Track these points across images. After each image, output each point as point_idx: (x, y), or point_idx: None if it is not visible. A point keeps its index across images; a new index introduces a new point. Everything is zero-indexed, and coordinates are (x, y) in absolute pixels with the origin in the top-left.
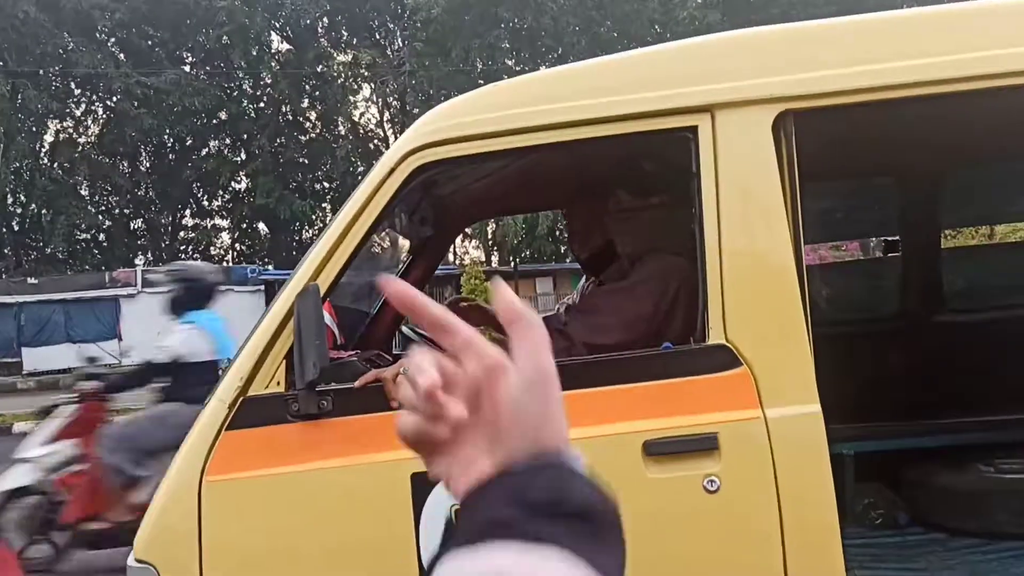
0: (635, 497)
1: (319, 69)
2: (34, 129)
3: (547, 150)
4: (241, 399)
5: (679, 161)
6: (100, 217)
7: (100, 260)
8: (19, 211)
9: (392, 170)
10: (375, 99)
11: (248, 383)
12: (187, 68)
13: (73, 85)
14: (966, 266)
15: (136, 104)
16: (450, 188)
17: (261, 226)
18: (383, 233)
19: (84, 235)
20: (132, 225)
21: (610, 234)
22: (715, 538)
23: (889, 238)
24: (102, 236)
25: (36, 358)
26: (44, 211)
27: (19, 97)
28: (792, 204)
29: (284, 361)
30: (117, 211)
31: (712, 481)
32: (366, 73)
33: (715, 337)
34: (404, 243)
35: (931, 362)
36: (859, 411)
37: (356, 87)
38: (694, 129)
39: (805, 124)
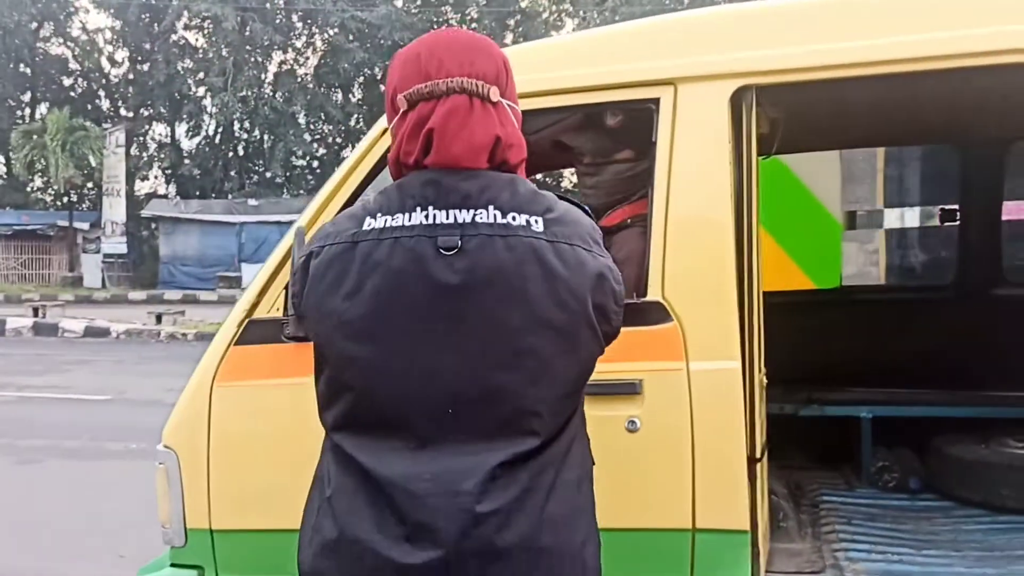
0: None
1: (523, 4)
2: (259, 60)
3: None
4: (247, 321)
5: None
6: (315, 145)
7: (314, 185)
8: (244, 137)
9: (385, 130)
10: None
11: (253, 308)
12: (399, 3)
13: (295, 18)
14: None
15: (350, 37)
16: None
17: None
18: None
19: (300, 161)
20: (343, 153)
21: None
22: (632, 473)
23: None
24: (316, 163)
25: (254, 274)
26: (265, 137)
27: (247, 30)
28: (748, 176)
29: (284, 291)
30: (330, 139)
31: (633, 422)
32: (570, 8)
33: (653, 294)
34: None
35: (982, 333)
36: (895, 376)
37: (559, 23)
38: (656, 101)
39: (765, 99)
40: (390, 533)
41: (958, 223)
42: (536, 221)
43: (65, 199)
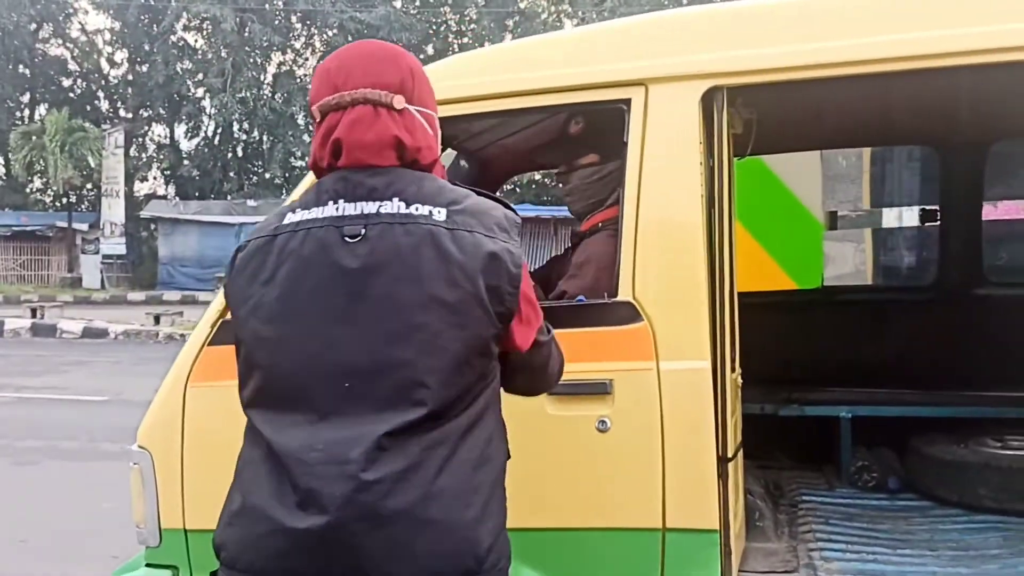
0: (535, 429)
1: (522, 5)
2: (259, 61)
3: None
4: (220, 321)
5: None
6: None
7: None
8: (243, 138)
9: None
10: None
11: (227, 308)
12: (397, 4)
13: (294, 19)
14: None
15: (349, 38)
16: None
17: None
18: None
19: (299, 162)
20: None
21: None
22: (601, 473)
23: None
24: None
25: None
26: (264, 138)
27: (246, 31)
28: (719, 176)
29: None
30: None
31: (603, 422)
32: (569, 9)
33: (623, 294)
34: None
35: (965, 333)
36: (876, 376)
37: (558, 23)
38: (628, 102)
39: (738, 99)
40: (285, 501)
41: (938, 224)
42: (439, 211)
43: (64, 200)
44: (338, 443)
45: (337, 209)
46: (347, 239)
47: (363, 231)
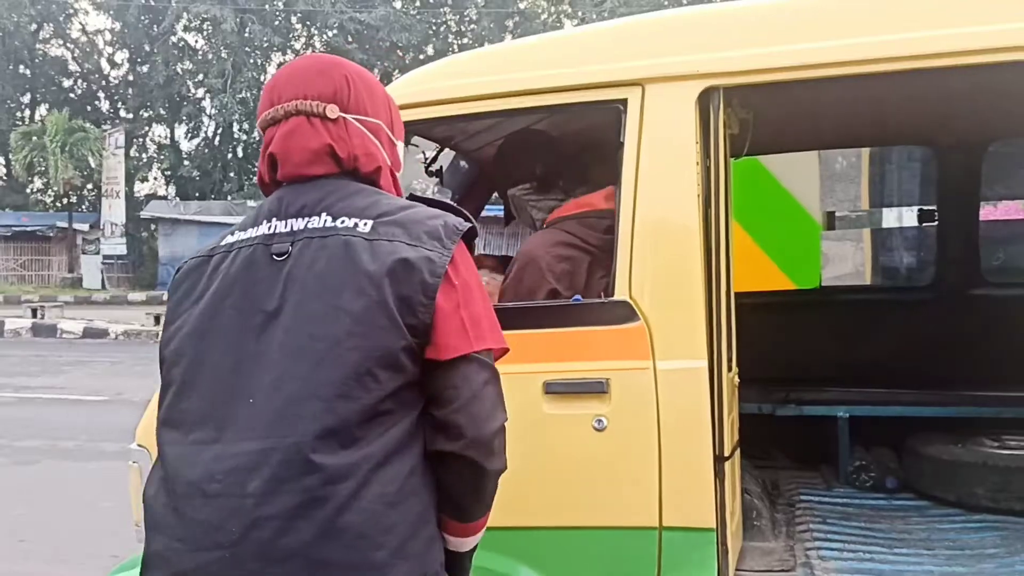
0: (532, 428)
1: (522, 6)
2: (259, 61)
3: (501, 116)
4: None
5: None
6: None
7: None
8: (243, 138)
9: None
10: None
11: None
12: (397, 4)
13: (294, 20)
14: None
15: (349, 39)
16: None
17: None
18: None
19: None
20: None
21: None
22: (598, 472)
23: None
24: None
25: None
26: None
27: (246, 31)
28: (715, 176)
29: None
30: None
31: (600, 421)
32: (569, 9)
33: (619, 293)
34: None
35: (963, 334)
36: (874, 376)
37: (558, 24)
38: (624, 102)
39: (734, 100)
40: (185, 534)
41: (936, 224)
42: (365, 223)
43: (65, 200)
44: (237, 471)
45: (269, 228)
46: (275, 257)
47: (289, 248)
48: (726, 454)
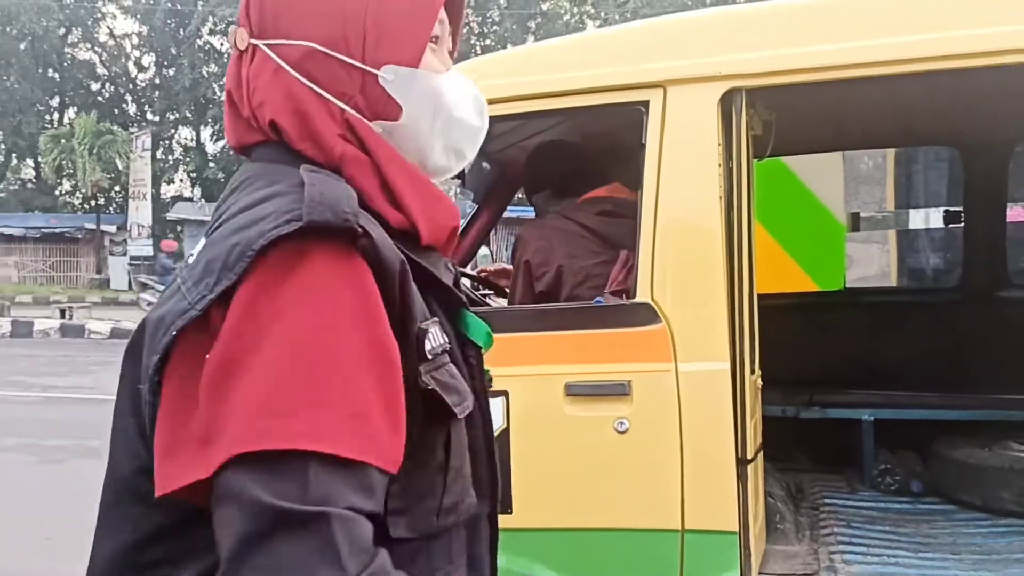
0: (553, 430)
1: (545, 7)
2: None
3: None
4: None
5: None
6: None
7: None
8: None
9: None
10: None
11: None
12: None
13: None
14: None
15: None
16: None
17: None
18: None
19: None
20: None
21: None
22: (620, 474)
23: None
24: None
25: None
26: None
27: None
28: (738, 178)
29: None
30: None
31: (622, 423)
32: (591, 10)
33: (641, 296)
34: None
35: (990, 336)
36: (899, 378)
37: (581, 24)
38: (646, 103)
39: (757, 101)
40: None
41: (962, 225)
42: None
43: (92, 202)
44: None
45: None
46: None
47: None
48: (749, 457)
